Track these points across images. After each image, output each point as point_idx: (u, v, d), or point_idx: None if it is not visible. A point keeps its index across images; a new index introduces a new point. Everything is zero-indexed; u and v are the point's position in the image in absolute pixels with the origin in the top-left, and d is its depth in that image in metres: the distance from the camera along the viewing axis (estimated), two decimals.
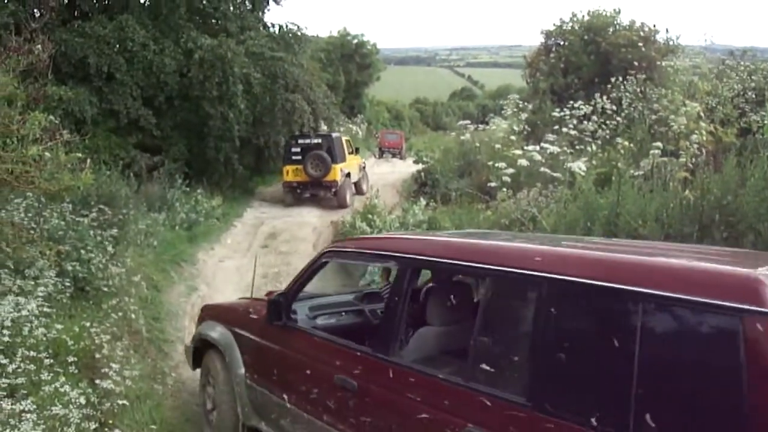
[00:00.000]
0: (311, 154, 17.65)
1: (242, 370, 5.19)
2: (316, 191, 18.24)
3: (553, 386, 2.93)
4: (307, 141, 18.23)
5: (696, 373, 2.50)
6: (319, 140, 18.30)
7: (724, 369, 2.38)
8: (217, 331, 5.56)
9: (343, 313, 5.66)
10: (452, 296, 4.20)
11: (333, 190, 18.04)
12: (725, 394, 2.36)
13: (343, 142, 19.42)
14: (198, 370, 5.97)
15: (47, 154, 5.78)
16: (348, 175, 18.74)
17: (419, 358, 3.90)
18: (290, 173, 18.00)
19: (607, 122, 13.18)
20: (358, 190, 19.91)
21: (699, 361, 2.51)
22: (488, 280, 3.51)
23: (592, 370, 2.83)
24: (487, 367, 3.26)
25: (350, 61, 47.80)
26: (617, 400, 2.65)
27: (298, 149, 17.96)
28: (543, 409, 2.88)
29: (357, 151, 20.80)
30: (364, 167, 21.43)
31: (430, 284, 5.07)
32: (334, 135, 19.23)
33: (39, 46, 6.01)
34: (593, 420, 2.68)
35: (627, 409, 2.58)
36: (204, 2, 17.77)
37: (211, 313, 6.07)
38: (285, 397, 4.63)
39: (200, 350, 5.85)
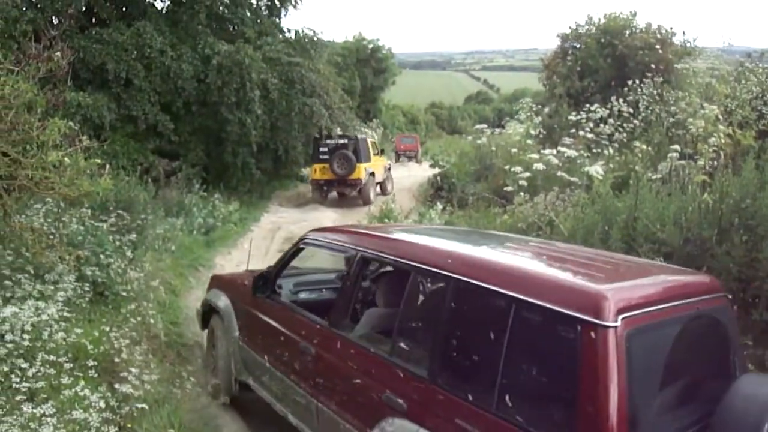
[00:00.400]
0: (337, 154, 18.81)
1: (236, 333, 6.11)
2: (341, 189, 19.43)
3: (445, 366, 3.63)
4: (334, 141, 19.31)
5: (547, 365, 3.12)
6: (345, 141, 19.45)
7: (567, 363, 2.96)
8: (219, 299, 6.51)
9: (323, 290, 6.41)
10: (395, 283, 4.66)
11: (357, 188, 19.22)
12: (565, 381, 2.95)
13: (369, 143, 20.66)
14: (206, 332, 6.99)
15: (67, 159, 5.82)
16: (372, 174, 19.80)
17: (364, 334, 4.56)
18: (317, 171, 19.20)
19: (624, 125, 13.11)
20: (383, 190, 21.10)
21: (550, 355, 3.11)
22: (411, 273, 4.14)
23: (473, 357, 3.51)
24: (404, 346, 3.99)
25: (366, 66, 47.89)
26: (487, 383, 3.28)
27: (326, 149, 19.10)
28: (437, 383, 3.59)
29: (382, 152, 22.17)
30: (389, 168, 22.52)
31: (382, 271, 5.70)
32: (359, 136, 20.53)
33: (58, 53, 6.06)
34: (469, 396, 3.37)
35: (493, 391, 3.22)
36: (222, 8, 17.89)
37: (217, 282, 7.05)
38: (265, 357, 5.54)
39: (207, 314, 6.82)
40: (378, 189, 20.82)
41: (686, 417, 3.29)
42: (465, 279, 3.64)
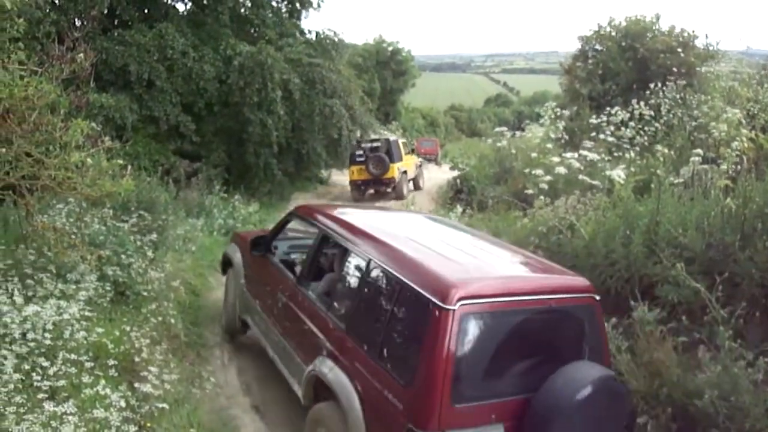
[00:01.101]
0: (372, 156, 20.76)
1: (242, 281, 7.65)
2: (377, 187, 21.32)
3: (354, 323, 4.94)
4: (369, 144, 21.44)
5: (410, 330, 4.40)
6: (379, 143, 21.57)
7: (421, 330, 4.13)
8: (234, 253, 8.09)
9: (305, 253, 7.13)
10: (340, 254, 5.92)
11: (392, 185, 21.13)
12: (418, 343, 4.14)
13: (400, 144, 22.64)
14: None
15: (89, 160, 5.86)
16: (404, 172, 21.79)
17: (318, 292, 5.87)
18: (355, 173, 21.12)
19: (646, 129, 13.01)
20: (416, 186, 23.26)
21: (413, 323, 4.33)
22: (343, 248, 5.70)
23: (370, 318, 4.77)
24: (336, 306, 5.39)
25: (385, 68, 47.87)
26: (375, 338, 4.54)
27: (362, 152, 21.00)
28: (349, 335, 4.88)
29: (413, 151, 23.92)
30: (420, 165, 24.41)
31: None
32: (392, 138, 22.85)
33: (81, 55, 6.09)
34: (365, 346, 4.63)
35: (380, 345, 4.47)
36: (244, 10, 17.95)
37: (235, 238, 8.62)
38: (257, 302, 7.09)
39: (226, 264, 8.40)
40: (411, 185, 22.69)
41: (516, 386, 4.25)
42: (372, 259, 4.98)
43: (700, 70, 17.32)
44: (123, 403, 4.57)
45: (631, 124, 13.23)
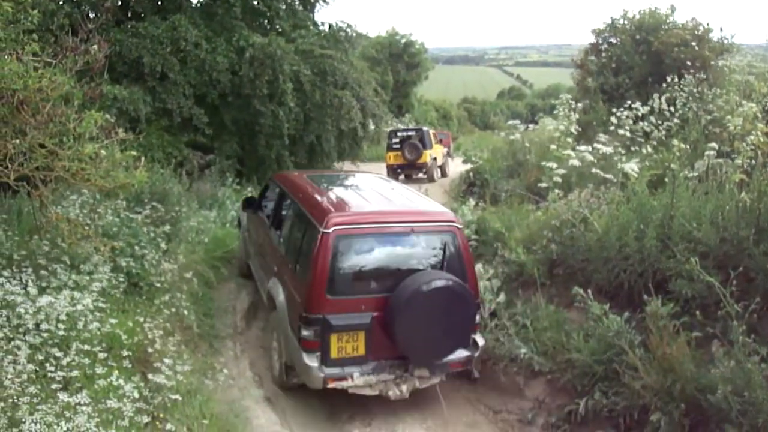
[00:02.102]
0: (407, 143, 23.62)
1: (245, 233, 10.12)
2: (411, 171, 24.02)
3: (288, 249, 7.14)
4: (404, 133, 24.60)
5: (309, 249, 6.21)
6: (413, 133, 24.61)
7: (314, 248, 6.05)
8: (242, 214, 10.37)
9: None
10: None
11: (424, 170, 23.89)
12: (312, 256, 6.05)
13: (431, 134, 25.38)
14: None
15: (103, 152, 5.88)
16: (435, 159, 24.40)
17: (281, 234, 7.72)
18: (392, 158, 24.07)
19: (661, 123, 12.92)
20: (443, 172, 25.40)
21: (311, 244, 6.21)
22: (287, 196, 8.02)
23: (294, 243, 6.88)
24: (281, 238, 7.61)
25: (398, 61, 47.91)
26: (294, 257, 6.70)
27: (397, 140, 24.07)
28: (285, 256, 7.08)
29: (447, 141, 27.76)
30: (446, 153, 27.22)
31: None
32: (424, 128, 25.93)
33: (95, 47, 6.11)
34: (290, 263, 6.80)
35: (296, 261, 6.60)
36: (257, 2, 17.93)
37: (243, 202, 10.19)
38: (252, 248, 9.48)
39: (239, 223, 10.99)
40: (439, 171, 25.08)
41: (383, 286, 6.18)
42: (297, 203, 7.32)
43: (715, 63, 17.18)
44: (136, 394, 4.59)
45: (651, 118, 13.14)
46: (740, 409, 4.44)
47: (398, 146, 23.68)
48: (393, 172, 23.45)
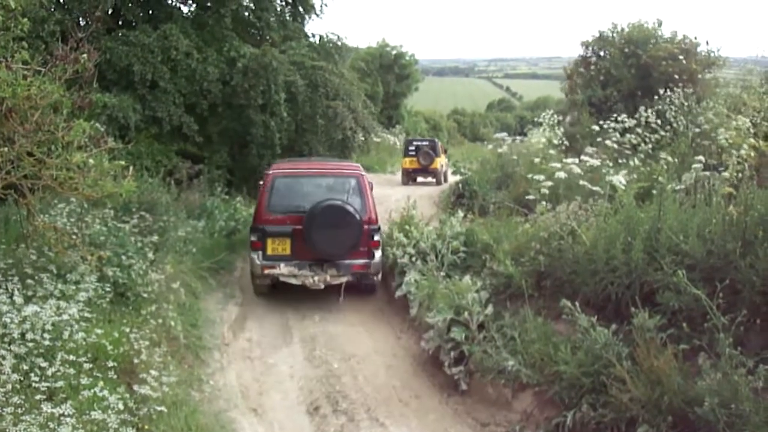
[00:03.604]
0: (422, 151, 26.56)
1: None
2: (423, 175, 26.83)
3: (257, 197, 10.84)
4: (418, 142, 27.93)
5: (264, 189, 10.03)
6: (427, 142, 28.09)
7: (266, 188, 9.96)
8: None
9: None
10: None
11: (434, 174, 26.63)
12: (262, 188, 10.25)
13: (440, 145, 28.70)
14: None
15: (91, 161, 5.86)
16: (442, 165, 27.23)
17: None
18: (407, 163, 26.90)
19: (649, 135, 13.00)
20: (445, 177, 27.31)
21: (263, 182, 10.22)
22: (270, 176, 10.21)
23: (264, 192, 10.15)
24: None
25: (389, 72, 48.01)
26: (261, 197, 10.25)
27: (413, 148, 27.13)
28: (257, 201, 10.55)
29: (446, 152, 29.91)
30: (447, 163, 29.36)
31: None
32: (436, 140, 30.16)
33: (85, 55, 6.10)
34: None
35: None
36: (248, 13, 17.96)
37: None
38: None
39: None
40: (443, 177, 27.29)
41: (303, 208, 9.51)
42: (273, 174, 10.07)
43: (703, 76, 17.32)
44: (121, 405, 4.56)
45: (638, 130, 13.21)
46: (727, 421, 4.44)
47: (414, 153, 26.83)
48: (408, 174, 26.95)
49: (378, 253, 9.84)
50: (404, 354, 8.30)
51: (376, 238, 9.85)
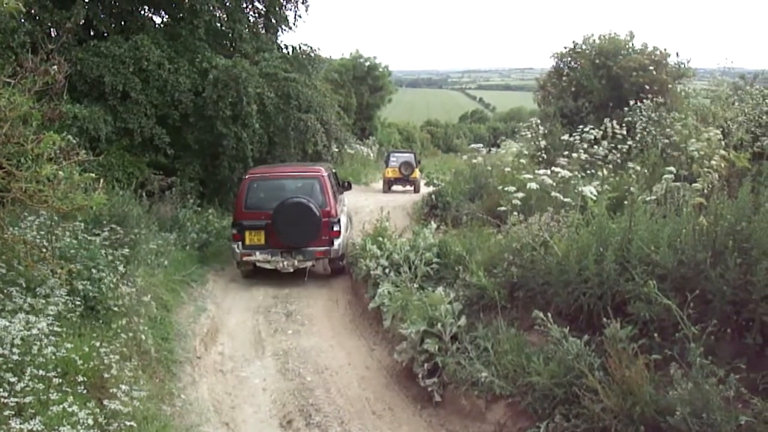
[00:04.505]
0: (403, 162, 28.77)
1: None
2: (403, 184, 28.51)
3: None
4: (399, 154, 31.25)
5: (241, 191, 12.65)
6: (407, 154, 31.47)
7: (241, 187, 12.70)
8: None
9: None
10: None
11: (413, 183, 28.42)
12: (239, 191, 12.81)
13: (417, 156, 32.12)
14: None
15: (61, 173, 5.80)
16: (419, 175, 28.95)
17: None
18: (389, 172, 28.79)
19: (618, 146, 13.14)
20: (418, 186, 29.25)
21: (242, 189, 12.67)
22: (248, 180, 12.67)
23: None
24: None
25: (362, 83, 48.03)
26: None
27: (395, 159, 29.67)
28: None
29: (419, 163, 31.80)
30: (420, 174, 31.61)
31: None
32: (415, 152, 34.34)
33: (55, 67, 6.05)
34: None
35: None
36: (220, 24, 17.91)
37: None
38: None
39: None
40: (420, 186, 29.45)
41: (273, 204, 11.75)
42: (249, 178, 12.56)
43: (673, 87, 17.53)
44: (91, 421, 4.51)
45: (604, 142, 13.35)
46: (699, 431, 4.48)
47: (395, 163, 29.10)
48: (388, 183, 28.86)
49: (337, 241, 12.00)
50: (377, 366, 8.30)
51: (335, 228, 12.03)
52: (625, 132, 13.69)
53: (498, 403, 6.33)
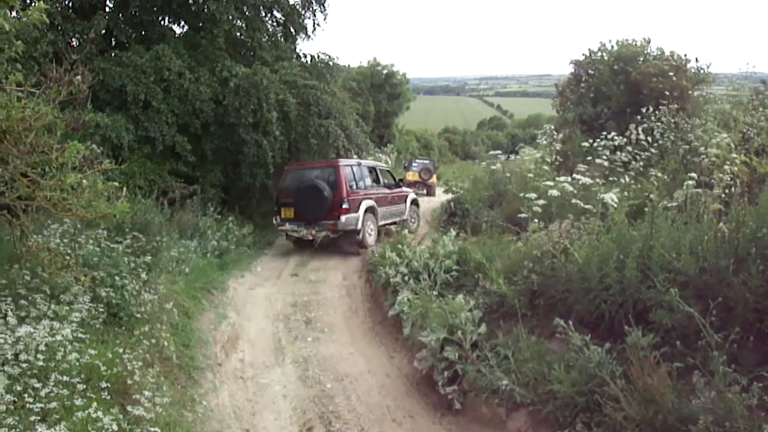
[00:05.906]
0: (423, 168, 33.16)
1: None
2: (421, 188, 31.16)
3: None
4: (419, 160, 34.96)
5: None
6: (427, 161, 35.18)
7: (283, 175, 16.35)
8: None
9: None
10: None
11: (431, 187, 32.16)
12: (281, 178, 16.36)
13: (435, 163, 36.04)
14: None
15: (85, 182, 5.86)
16: (435, 180, 32.95)
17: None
18: (409, 176, 32.09)
19: (640, 153, 13.05)
20: (434, 192, 32.42)
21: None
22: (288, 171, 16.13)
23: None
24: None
25: (380, 91, 48.11)
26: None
27: (416, 164, 33.77)
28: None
29: (437, 168, 35.99)
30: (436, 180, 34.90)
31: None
32: (433, 159, 39.04)
33: (78, 77, 6.11)
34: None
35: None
36: (240, 33, 18.04)
37: None
38: None
39: None
40: (434, 190, 32.63)
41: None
42: (287, 169, 16.10)
43: (693, 93, 17.41)
44: (115, 427, 4.54)
45: (628, 148, 13.27)
46: None
47: (416, 168, 33.09)
48: (410, 185, 29.27)
49: (344, 217, 14.67)
50: (397, 374, 8.30)
51: (344, 206, 14.72)
52: (648, 139, 13.60)
53: (519, 411, 6.31)
